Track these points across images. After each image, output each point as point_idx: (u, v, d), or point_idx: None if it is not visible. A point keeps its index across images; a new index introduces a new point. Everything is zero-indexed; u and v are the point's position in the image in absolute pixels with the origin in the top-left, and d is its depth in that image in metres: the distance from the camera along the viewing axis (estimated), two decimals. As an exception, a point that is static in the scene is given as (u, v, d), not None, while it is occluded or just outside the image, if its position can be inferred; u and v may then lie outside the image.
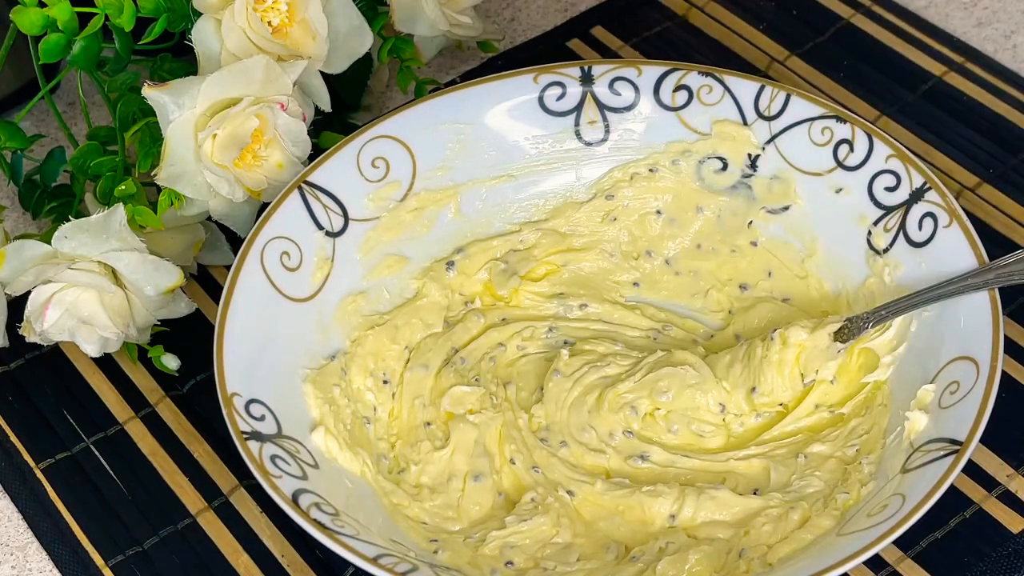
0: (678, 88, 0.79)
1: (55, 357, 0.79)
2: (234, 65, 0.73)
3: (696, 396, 0.72)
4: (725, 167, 0.79)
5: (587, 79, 0.79)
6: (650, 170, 0.80)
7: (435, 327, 0.78)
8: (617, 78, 0.79)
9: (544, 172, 0.80)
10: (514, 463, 0.72)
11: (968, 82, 0.88)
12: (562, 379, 0.74)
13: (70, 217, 0.73)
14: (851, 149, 0.76)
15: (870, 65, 0.90)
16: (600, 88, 0.79)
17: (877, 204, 0.75)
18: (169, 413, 0.77)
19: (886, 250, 0.74)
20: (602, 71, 0.79)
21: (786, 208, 0.78)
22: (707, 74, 0.79)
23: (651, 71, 0.79)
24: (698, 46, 0.92)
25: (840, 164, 0.76)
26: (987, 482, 0.71)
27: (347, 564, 0.69)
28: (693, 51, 0.92)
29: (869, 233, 0.75)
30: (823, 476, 0.69)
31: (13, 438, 0.76)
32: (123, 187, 0.74)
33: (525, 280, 0.80)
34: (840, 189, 0.76)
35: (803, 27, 0.93)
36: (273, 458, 0.66)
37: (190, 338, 0.78)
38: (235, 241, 0.79)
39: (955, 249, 0.71)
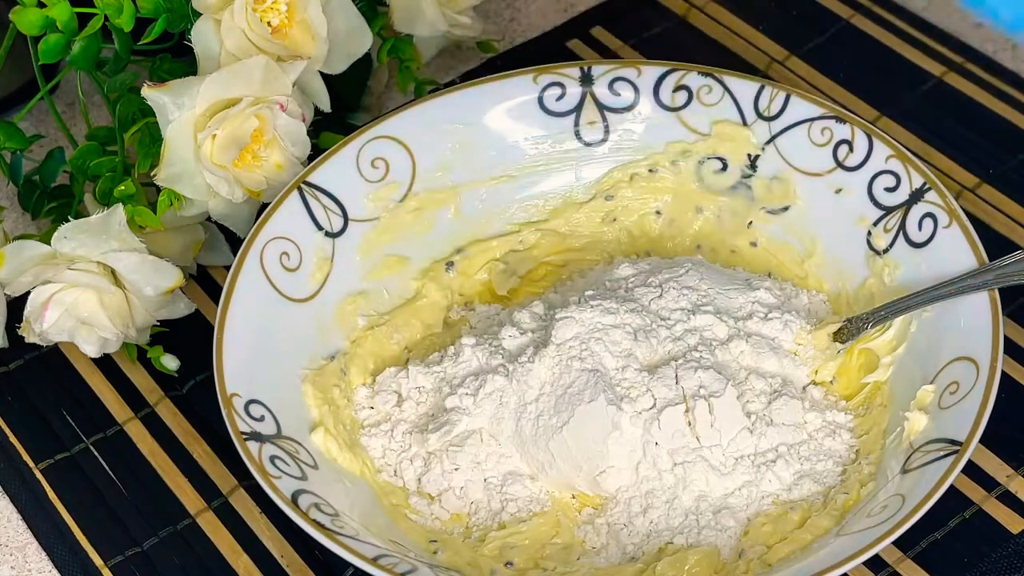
0: (678, 88, 0.79)
1: (54, 357, 0.79)
2: (233, 65, 0.73)
3: None
4: (725, 167, 0.79)
5: (587, 79, 0.79)
6: (650, 170, 0.80)
7: (435, 327, 0.78)
8: (617, 78, 0.79)
9: (544, 172, 0.80)
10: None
11: (968, 82, 0.88)
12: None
13: (69, 217, 0.73)
14: (851, 149, 0.76)
15: (870, 65, 0.90)
16: (600, 88, 0.79)
17: (877, 204, 0.75)
18: (168, 413, 0.77)
19: (886, 250, 0.74)
20: (602, 71, 0.79)
21: (786, 208, 0.78)
22: (707, 74, 0.79)
23: (651, 71, 0.79)
24: (698, 46, 0.92)
25: (840, 164, 0.76)
26: (987, 482, 0.71)
27: (347, 565, 0.69)
28: (693, 51, 0.92)
29: (869, 233, 0.75)
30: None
31: (12, 438, 0.76)
32: (123, 187, 0.74)
33: (525, 280, 0.80)
34: (840, 189, 0.76)
35: (803, 27, 0.93)
36: (272, 459, 0.66)
37: (190, 338, 0.78)
38: (235, 241, 0.79)
39: (955, 249, 0.71)
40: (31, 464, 0.75)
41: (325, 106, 0.79)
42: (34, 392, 0.78)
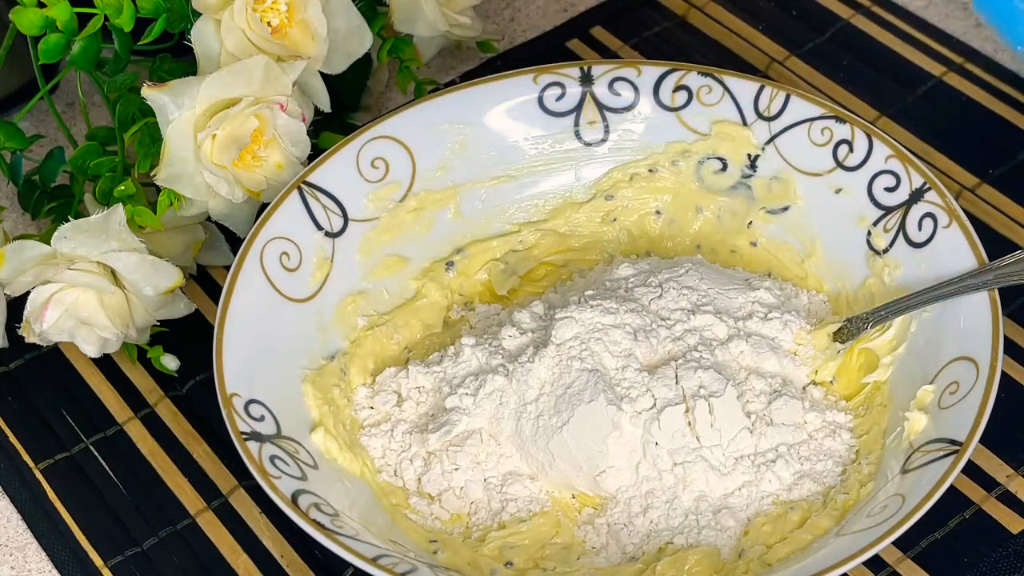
0: (678, 88, 0.79)
1: (54, 357, 0.79)
2: (233, 65, 0.73)
3: None
4: (725, 167, 0.79)
5: (587, 79, 0.79)
6: (650, 170, 0.80)
7: (435, 327, 0.78)
8: (617, 78, 0.79)
9: (543, 172, 0.80)
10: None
11: (968, 82, 0.88)
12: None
13: (69, 217, 0.73)
14: (851, 149, 0.76)
15: (870, 65, 0.90)
16: (600, 88, 0.79)
17: (877, 204, 0.75)
18: (168, 413, 0.77)
19: (886, 250, 0.74)
20: (602, 71, 0.79)
21: (786, 208, 0.78)
22: (707, 74, 0.79)
23: (651, 71, 0.79)
24: (698, 46, 0.92)
25: (840, 164, 0.76)
26: (987, 482, 0.71)
27: (347, 565, 0.69)
28: (693, 51, 0.92)
29: (869, 233, 0.75)
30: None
31: (12, 438, 0.76)
32: (122, 187, 0.75)
33: (525, 280, 0.80)
34: (840, 189, 0.76)
35: (803, 27, 0.93)
36: (272, 459, 0.66)
37: (189, 338, 0.78)
38: (235, 241, 0.79)
39: (955, 249, 0.71)
40: (31, 464, 0.75)
41: (325, 106, 0.79)
42: (34, 392, 0.78)
